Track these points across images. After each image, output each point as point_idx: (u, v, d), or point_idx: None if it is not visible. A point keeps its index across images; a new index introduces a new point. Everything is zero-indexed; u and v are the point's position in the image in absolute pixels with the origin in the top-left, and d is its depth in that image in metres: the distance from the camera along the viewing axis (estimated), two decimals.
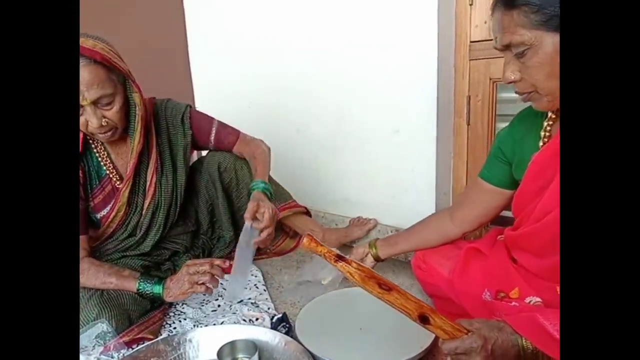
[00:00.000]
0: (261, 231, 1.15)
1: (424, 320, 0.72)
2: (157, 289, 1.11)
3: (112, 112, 1.08)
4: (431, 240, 1.10)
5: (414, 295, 0.74)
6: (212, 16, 1.95)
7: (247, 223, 1.13)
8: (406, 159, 1.44)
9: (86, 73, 1.01)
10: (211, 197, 1.43)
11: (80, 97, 1.03)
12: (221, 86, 2.03)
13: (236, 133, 1.38)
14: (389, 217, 1.53)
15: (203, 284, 1.08)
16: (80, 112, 1.06)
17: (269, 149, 1.40)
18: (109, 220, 1.21)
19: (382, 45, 1.42)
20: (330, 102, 1.61)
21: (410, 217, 1.37)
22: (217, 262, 1.10)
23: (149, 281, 1.11)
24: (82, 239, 1.16)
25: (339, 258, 0.78)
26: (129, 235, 1.25)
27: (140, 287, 1.11)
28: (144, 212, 1.24)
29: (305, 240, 0.81)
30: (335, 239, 1.53)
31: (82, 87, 1.02)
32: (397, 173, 1.48)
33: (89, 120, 1.06)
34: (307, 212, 1.54)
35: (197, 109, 1.42)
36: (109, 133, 1.12)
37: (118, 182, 1.21)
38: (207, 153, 1.44)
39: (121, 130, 1.15)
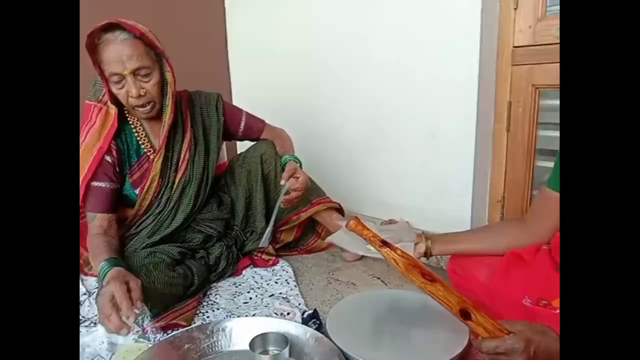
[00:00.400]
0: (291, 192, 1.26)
1: (465, 315, 0.71)
2: (99, 279, 1.05)
3: (150, 85, 1.17)
4: (501, 248, 1.03)
5: (457, 290, 0.74)
6: (251, 15, 1.99)
7: (282, 182, 1.25)
8: (443, 164, 1.43)
9: (127, 46, 1.12)
10: (250, 189, 1.47)
11: (122, 68, 1.12)
12: (258, 82, 2.07)
13: (263, 121, 1.50)
14: (422, 222, 1.51)
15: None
16: (121, 84, 1.16)
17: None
18: (144, 191, 1.27)
19: (423, 47, 1.41)
20: (366, 103, 1.62)
21: (444, 222, 1.37)
22: (115, 318, 0.92)
23: (103, 272, 1.04)
24: (104, 217, 1.21)
25: (384, 244, 0.79)
26: (163, 209, 1.31)
27: (101, 270, 1.04)
28: (174, 187, 1.31)
29: (352, 222, 0.82)
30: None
31: (123, 58, 1.12)
32: (432, 177, 1.46)
33: (129, 90, 1.15)
34: (341, 210, 1.55)
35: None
36: (148, 107, 1.20)
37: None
38: (250, 146, 1.49)
39: (158, 106, 1.23)
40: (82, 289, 1.31)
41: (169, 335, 1.03)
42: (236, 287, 1.33)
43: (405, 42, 1.46)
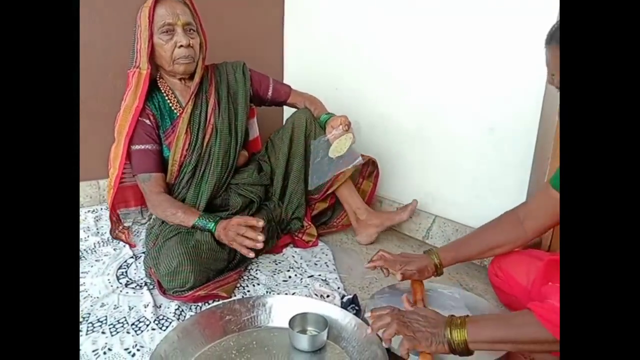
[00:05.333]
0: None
1: None
2: (212, 227, 1.22)
3: (195, 42, 1.30)
4: (499, 243, 1.06)
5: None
6: (307, 3, 1.97)
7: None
8: (499, 159, 1.36)
9: (179, 4, 1.28)
10: (291, 153, 1.48)
11: (176, 19, 1.26)
12: (310, 66, 2.05)
13: (288, 85, 1.55)
14: (471, 218, 1.47)
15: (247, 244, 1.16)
16: (171, 35, 1.26)
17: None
18: (175, 145, 1.33)
19: (487, 33, 1.34)
20: (421, 91, 1.56)
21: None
22: (260, 224, 1.17)
23: (207, 219, 1.24)
24: (159, 176, 1.33)
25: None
26: (194, 169, 1.36)
27: (197, 223, 1.23)
28: (204, 147, 1.36)
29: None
30: (379, 221, 1.52)
31: (177, 11, 1.26)
32: (486, 172, 1.40)
33: (179, 40, 1.26)
34: (375, 163, 1.61)
35: None
36: (189, 59, 1.29)
37: None
38: (292, 114, 1.50)
39: (194, 65, 1.33)
40: (129, 252, 1.36)
41: (211, 305, 1.06)
42: (276, 264, 1.34)
43: (468, 32, 1.39)
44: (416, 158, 1.63)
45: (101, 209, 1.69)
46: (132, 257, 1.33)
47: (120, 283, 1.19)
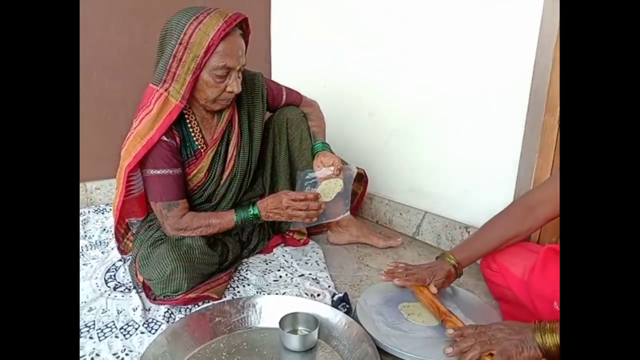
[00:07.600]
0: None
1: None
2: (254, 211, 1.22)
3: (241, 81, 1.16)
4: (511, 233, 1.04)
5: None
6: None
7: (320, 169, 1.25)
8: (486, 154, 1.37)
9: (242, 42, 1.13)
10: (275, 153, 1.44)
11: (237, 63, 1.11)
12: (298, 64, 2.04)
13: (300, 95, 1.46)
14: (459, 213, 1.47)
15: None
16: (222, 79, 1.11)
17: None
18: (190, 176, 1.25)
19: (473, 28, 1.34)
20: (409, 88, 1.56)
21: (482, 214, 1.31)
22: (314, 203, 1.17)
23: (243, 209, 1.23)
24: (185, 201, 1.21)
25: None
26: (205, 201, 1.30)
27: (238, 218, 1.21)
28: (221, 182, 1.30)
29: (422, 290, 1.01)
30: (357, 232, 1.51)
31: (239, 53, 1.11)
32: (474, 167, 1.41)
33: (233, 85, 1.13)
34: (365, 175, 1.56)
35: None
36: (230, 101, 1.19)
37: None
38: (277, 110, 1.44)
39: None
40: (117, 256, 1.34)
41: (200, 307, 1.05)
42: (267, 264, 1.33)
43: (452, 23, 1.39)
44: (405, 154, 1.63)
45: (88, 211, 1.67)
46: (120, 261, 1.32)
47: (109, 287, 1.17)
